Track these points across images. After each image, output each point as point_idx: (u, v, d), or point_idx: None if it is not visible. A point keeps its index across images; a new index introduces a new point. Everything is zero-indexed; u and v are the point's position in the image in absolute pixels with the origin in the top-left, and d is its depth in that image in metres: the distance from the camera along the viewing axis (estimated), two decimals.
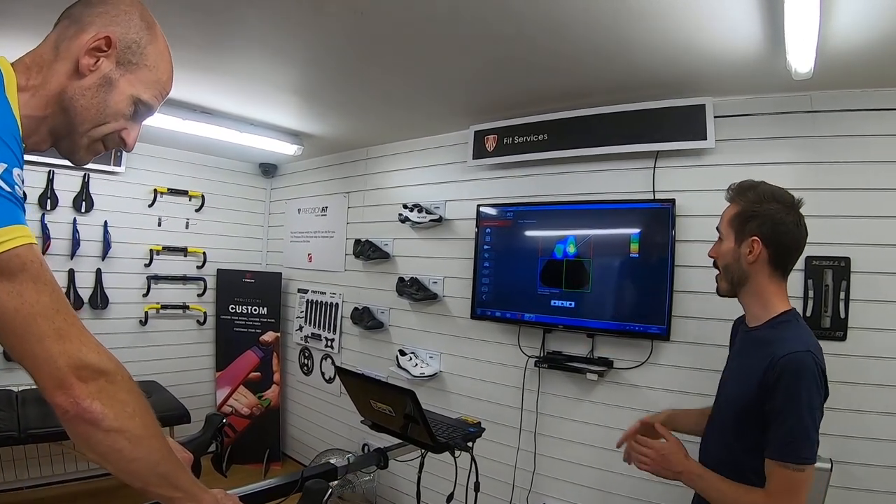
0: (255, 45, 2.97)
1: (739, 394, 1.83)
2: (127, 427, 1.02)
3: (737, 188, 1.94)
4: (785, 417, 1.64)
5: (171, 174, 5.51)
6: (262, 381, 5.68)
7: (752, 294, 1.89)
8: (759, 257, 1.81)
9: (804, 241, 1.86)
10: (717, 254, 1.96)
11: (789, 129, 2.96)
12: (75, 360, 0.97)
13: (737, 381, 1.90)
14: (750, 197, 1.87)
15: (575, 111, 3.55)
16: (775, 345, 1.72)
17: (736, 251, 1.87)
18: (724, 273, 1.94)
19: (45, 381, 0.96)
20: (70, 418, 0.97)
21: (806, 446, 1.62)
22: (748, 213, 1.85)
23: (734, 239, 1.88)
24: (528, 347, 3.77)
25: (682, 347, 3.16)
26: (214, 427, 1.70)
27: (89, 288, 4.93)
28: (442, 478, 2.43)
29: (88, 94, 1.10)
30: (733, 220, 1.89)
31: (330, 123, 4.50)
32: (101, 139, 1.16)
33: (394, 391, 1.99)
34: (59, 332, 0.97)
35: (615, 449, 3.34)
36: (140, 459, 1.05)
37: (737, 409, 1.84)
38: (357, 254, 4.94)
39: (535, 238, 3.72)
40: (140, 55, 1.15)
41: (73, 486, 4.80)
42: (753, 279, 1.86)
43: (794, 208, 1.84)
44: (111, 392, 1.01)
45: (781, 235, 1.80)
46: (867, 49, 2.36)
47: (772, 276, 1.84)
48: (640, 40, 2.56)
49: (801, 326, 1.81)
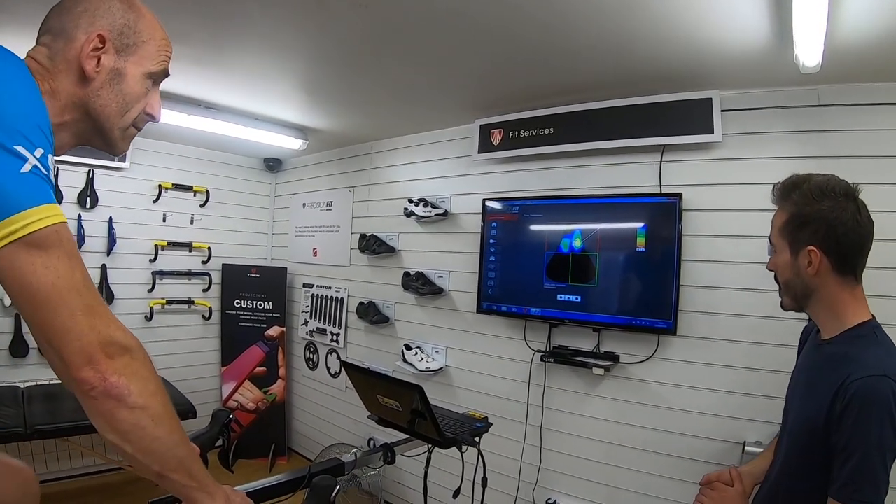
0: (258, 40, 2.95)
1: (806, 418, 1.62)
2: (150, 404, 1.04)
3: (781, 189, 1.71)
4: (850, 453, 1.43)
5: (176, 169, 5.50)
6: (267, 375, 5.69)
7: (822, 307, 1.66)
8: (820, 268, 1.59)
9: (871, 235, 1.60)
10: (775, 268, 1.73)
11: (797, 124, 2.94)
12: (105, 335, 1.00)
13: (804, 405, 1.67)
14: (796, 199, 1.64)
15: (581, 105, 3.53)
16: (848, 365, 1.51)
17: (794, 264, 1.65)
18: (785, 288, 1.72)
19: (74, 356, 0.97)
20: (97, 394, 0.99)
21: (869, 489, 1.41)
22: (798, 219, 1.62)
23: (789, 251, 1.66)
24: (534, 342, 3.77)
25: (689, 342, 3.15)
26: (221, 423, 1.70)
27: (94, 283, 4.88)
28: (448, 473, 2.42)
29: (104, 93, 1.12)
30: (784, 229, 1.67)
31: (334, 118, 4.49)
32: (131, 124, 1.20)
33: (401, 386, 1.98)
34: (89, 308, 0.99)
35: (621, 444, 3.38)
36: (161, 438, 1.06)
37: (801, 436, 1.65)
38: (362, 248, 4.93)
39: (541, 232, 3.71)
40: (134, 35, 1.16)
41: (80, 481, 4.79)
42: (820, 291, 1.63)
43: (851, 199, 1.59)
44: (135, 369, 1.03)
45: (841, 237, 1.56)
46: (875, 42, 2.34)
47: (841, 283, 1.61)
48: (646, 33, 2.55)
49: (881, 343, 1.56)
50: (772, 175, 2.96)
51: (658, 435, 3.25)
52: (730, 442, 2.98)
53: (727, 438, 3.00)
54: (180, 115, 4.11)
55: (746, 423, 2.95)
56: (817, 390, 1.58)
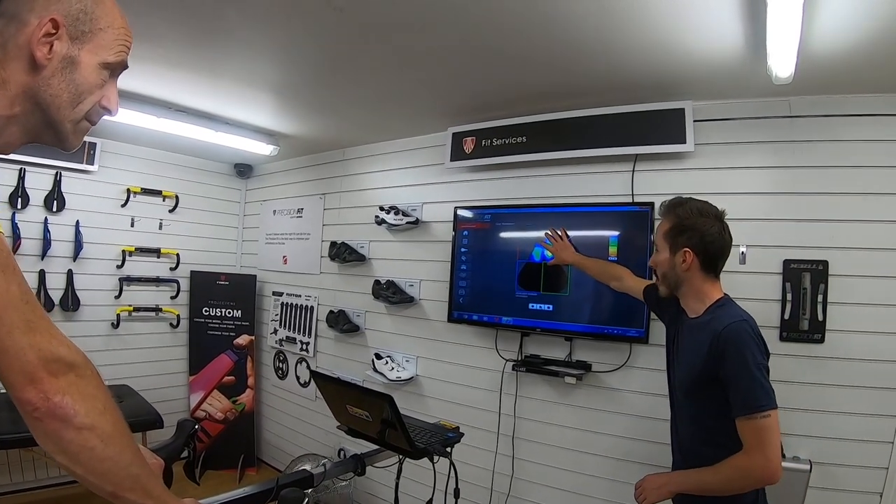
0: (232, 42, 2.91)
1: (689, 369, 2.10)
2: (98, 424, 0.98)
3: (668, 205, 2.21)
4: (738, 378, 1.88)
5: (145, 174, 5.42)
6: (236, 385, 5.60)
7: (690, 294, 2.18)
8: (691, 265, 2.11)
9: (729, 246, 2.16)
10: (655, 263, 2.25)
11: (768, 134, 2.98)
12: (46, 352, 0.93)
13: (685, 361, 2.16)
14: (679, 213, 2.14)
15: (554, 114, 3.54)
16: (714, 322, 2.01)
17: (671, 260, 2.15)
18: (662, 279, 2.24)
19: (14, 376, 0.91)
20: (40, 415, 0.93)
21: (762, 395, 1.85)
22: (679, 227, 2.13)
23: (669, 251, 2.16)
24: (506, 351, 3.75)
25: (661, 351, 3.11)
26: (186, 433, 1.66)
27: (60, 289, 4.83)
28: (420, 483, 2.40)
29: (55, 82, 1.04)
30: (667, 234, 2.17)
31: (306, 123, 4.46)
32: (84, 118, 1.11)
33: (371, 396, 1.95)
34: (28, 324, 0.92)
35: (593, 452, 3.38)
36: (112, 458, 1.00)
37: (690, 382, 2.09)
38: (333, 256, 4.89)
39: (512, 240, 3.71)
40: (90, 22, 1.07)
41: (46, 493, 4.68)
42: (688, 282, 2.15)
43: (719, 220, 2.12)
44: (81, 387, 0.97)
45: (709, 245, 2.09)
46: (846, 55, 2.39)
47: (705, 277, 2.14)
48: (620, 41, 2.56)
49: (734, 306, 2.10)
50: (743, 185, 3.02)
51: (630, 443, 3.25)
52: None
53: None
54: (150, 118, 4.04)
55: None
56: (694, 347, 2.08)
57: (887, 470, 2.62)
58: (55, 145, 1.12)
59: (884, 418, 2.62)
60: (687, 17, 2.26)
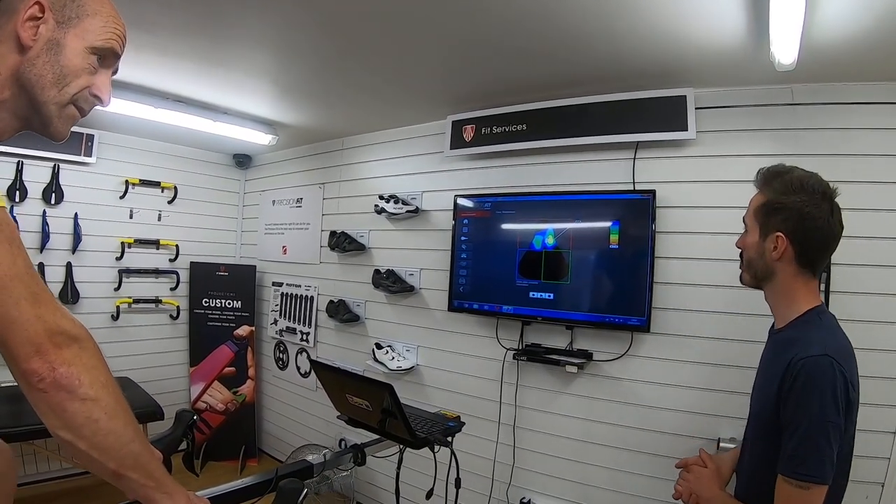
0: (229, 30, 2.88)
1: (763, 403, 1.70)
2: (102, 396, 1.00)
3: (764, 174, 1.80)
4: (795, 428, 1.50)
5: (143, 165, 5.40)
6: (236, 376, 5.60)
7: (777, 292, 1.77)
8: (783, 254, 1.68)
9: (837, 236, 1.70)
10: (743, 245, 1.84)
11: (770, 122, 2.96)
12: (51, 324, 0.95)
13: (761, 390, 1.77)
14: (776, 186, 1.73)
15: (554, 101, 3.52)
16: (795, 347, 1.58)
17: (760, 245, 1.75)
18: (747, 266, 1.83)
19: (20, 347, 0.93)
20: (45, 386, 0.94)
21: (813, 462, 1.46)
22: (773, 205, 1.71)
23: (759, 232, 1.75)
24: (507, 340, 3.74)
25: (663, 339, 3.15)
26: (185, 424, 1.65)
27: (59, 282, 4.82)
28: (421, 473, 2.39)
29: (38, 63, 1.04)
30: (758, 211, 1.77)
31: (305, 113, 4.43)
32: (70, 102, 1.11)
33: (371, 385, 1.94)
34: (35, 296, 0.95)
35: (594, 441, 3.37)
36: (115, 433, 1.02)
37: (761, 419, 1.72)
38: (332, 246, 4.87)
39: (513, 229, 3.68)
40: (77, 7, 1.08)
41: (46, 486, 4.69)
42: (778, 276, 1.73)
43: (827, 199, 1.68)
44: (85, 359, 1.00)
45: (809, 231, 1.66)
46: (850, 42, 2.36)
47: (798, 273, 1.71)
48: (622, 28, 2.53)
49: (824, 326, 1.66)
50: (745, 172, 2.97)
51: (632, 432, 3.24)
52: (704, 439, 2.97)
53: (702, 435, 3.00)
54: (147, 108, 4.02)
55: (721, 419, 2.96)
56: (770, 373, 1.68)
57: (889, 460, 2.61)
58: (42, 132, 1.12)
59: (885, 408, 2.61)
60: (689, 3, 2.23)
